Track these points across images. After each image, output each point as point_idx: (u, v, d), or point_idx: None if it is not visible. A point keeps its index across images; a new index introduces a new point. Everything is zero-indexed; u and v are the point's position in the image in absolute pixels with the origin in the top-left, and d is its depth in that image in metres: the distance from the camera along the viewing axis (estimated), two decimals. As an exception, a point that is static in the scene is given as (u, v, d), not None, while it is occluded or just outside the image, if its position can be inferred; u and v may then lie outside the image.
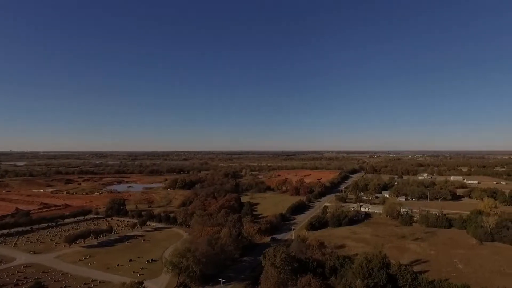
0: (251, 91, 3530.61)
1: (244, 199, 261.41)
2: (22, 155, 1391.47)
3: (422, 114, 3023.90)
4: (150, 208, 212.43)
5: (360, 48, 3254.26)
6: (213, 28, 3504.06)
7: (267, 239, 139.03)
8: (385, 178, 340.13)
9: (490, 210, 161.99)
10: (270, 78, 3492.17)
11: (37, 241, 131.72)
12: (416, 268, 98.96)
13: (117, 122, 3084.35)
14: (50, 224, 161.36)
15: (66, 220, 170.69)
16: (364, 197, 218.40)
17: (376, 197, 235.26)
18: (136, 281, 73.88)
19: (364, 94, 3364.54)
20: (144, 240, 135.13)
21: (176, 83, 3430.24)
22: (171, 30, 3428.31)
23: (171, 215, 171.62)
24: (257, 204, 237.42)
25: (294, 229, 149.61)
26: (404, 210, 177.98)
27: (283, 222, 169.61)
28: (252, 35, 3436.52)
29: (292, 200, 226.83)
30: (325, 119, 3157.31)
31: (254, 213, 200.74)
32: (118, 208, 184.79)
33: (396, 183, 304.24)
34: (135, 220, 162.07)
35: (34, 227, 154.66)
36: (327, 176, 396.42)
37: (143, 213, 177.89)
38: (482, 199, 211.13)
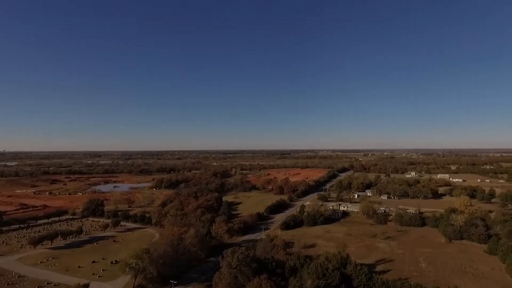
0: (248, 90, 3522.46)
1: (228, 198, 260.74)
2: (15, 155, 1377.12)
3: (420, 112, 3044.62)
4: (130, 208, 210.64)
5: (360, 45, 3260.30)
6: (208, 27, 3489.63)
7: (240, 239, 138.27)
8: (372, 176, 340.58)
9: (465, 208, 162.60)
10: (267, 77, 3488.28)
11: (3, 243, 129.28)
12: (380, 268, 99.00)
13: (113, 122, 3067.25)
14: (21, 225, 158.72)
15: (40, 221, 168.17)
16: (345, 196, 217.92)
17: (359, 196, 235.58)
18: (81, 283, 72.31)
19: (361, 93, 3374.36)
20: (114, 241, 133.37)
21: (173, 82, 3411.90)
22: (169, 30, 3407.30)
23: (147, 215, 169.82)
24: (239, 203, 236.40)
25: (265, 229, 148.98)
26: (381, 209, 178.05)
27: (260, 221, 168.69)
28: (249, 35, 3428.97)
29: (276, 199, 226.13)
30: (323, 118, 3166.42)
31: (234, 212, 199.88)
32: (94, 208, 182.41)
33: (382, 181, 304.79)
34: (109, 221, 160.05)
35: (4, 228, 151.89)
36: (316, 175, 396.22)
37: (119, 213, 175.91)
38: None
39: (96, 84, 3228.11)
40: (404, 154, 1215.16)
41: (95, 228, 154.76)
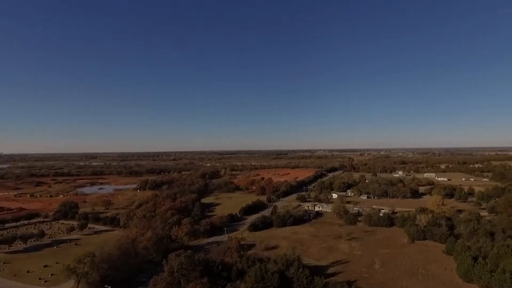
0: (248, 90, 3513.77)
1: (209, 199, 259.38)
2: (10, 158, 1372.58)
3: (420, 111, 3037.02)
4: (107, 210, 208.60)
5: (360, 44, 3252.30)
6: (204, 27, 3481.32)
7: (205, 241, 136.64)
8: (356, 176, 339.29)
9: (437, 208, 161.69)
10: (266, 77, 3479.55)
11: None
12: (333, 269, 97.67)
13: (113, 123, 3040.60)
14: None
15: (8, 225, 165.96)
16: (323, 196, 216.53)
17: (339, 196, 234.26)
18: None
19: (360, 92, 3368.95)
20: (76, 244, 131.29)
21: (172, 82, 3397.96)
22: (167, 30, 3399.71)
23: (118, 217, 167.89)
24: (218, 204, 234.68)
25: (234, 230, 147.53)
26: (355, 209, 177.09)
27: (232, 222, 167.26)
28: (245, 35, 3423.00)
29: (256, 199, 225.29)
30: (322, 118, 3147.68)
31: (211, 213, 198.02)
32: (66, 211, 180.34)
33: (366, 181, 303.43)
34: (76, 223, 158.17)
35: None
36: (305, 175, 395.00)
37: (89, 215, 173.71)
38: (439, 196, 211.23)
39: (96, 85, 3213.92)
40: (400, 153, 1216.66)
41: (61, 231, 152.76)
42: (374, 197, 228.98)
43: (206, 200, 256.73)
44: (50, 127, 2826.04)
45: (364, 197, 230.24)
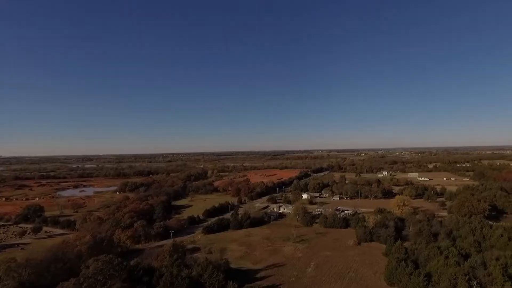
0: (246, 90, 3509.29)
1: (184, 201, 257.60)
2: (6, 161, 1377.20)
3: (420, 111, 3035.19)
4: (75, 213, 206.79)
5: (361, 41, 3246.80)
6: (200, 27, 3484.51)
7: (156, 244, 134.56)
8: (337, 176, 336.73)
9: (398, 208, 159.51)
10: (266, 77, 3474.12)
11: None
12: (264, 273, 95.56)
13: (112, 125, 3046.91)
14: None
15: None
16: (292, 197, 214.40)
17: (313, 196, 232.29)
18: None
19: (360, 92, 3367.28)
20: (22, 249, 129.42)
21: (172, 83, 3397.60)
22: (165, 31, 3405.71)
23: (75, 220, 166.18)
24: (189, 206, 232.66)
25: (190, 233, 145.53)
26: (318, 210, 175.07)
27: (193, 225, 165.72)
28: (243, 34, 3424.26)
29: (232, 201, 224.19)
30: (322, 118, 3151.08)
31: (178, 216, 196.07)
32: (26, 214, 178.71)
33: (347, 181, 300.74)
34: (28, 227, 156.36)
35: None
36: (291, 175, 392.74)
37: (48, 218, 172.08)
38: (410, 196, 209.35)
39: (96, 85, 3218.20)
40: (397, 153, 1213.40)
41: (15, 235, 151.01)
42: (346, 197, 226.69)
43: (180, 202, 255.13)
44: (51, 129, 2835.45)
45: (336, 197, 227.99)
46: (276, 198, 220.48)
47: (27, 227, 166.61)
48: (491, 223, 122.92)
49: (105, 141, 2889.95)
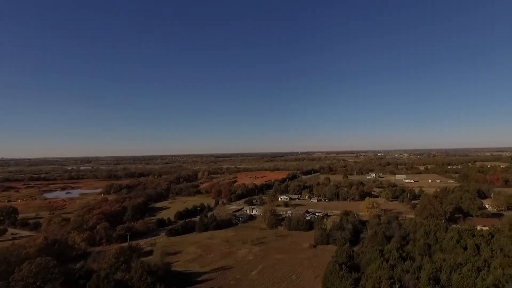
0: (246, 91, 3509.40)
1: (164, 203, 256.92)
2: (5, 163, 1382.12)
3: (420, 111, 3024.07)
4: (52, 215, 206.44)
5: (361, 41, 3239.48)
6: (198, 27, 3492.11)
7: (116, 246, 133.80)
8: (322, 178, 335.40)
9: (367, 210, 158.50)
10: (267, 77, 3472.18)
11: None
12: (208, 276, 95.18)
13: (112, 126, 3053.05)
14: None
15: None
16: (267, 199, 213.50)
17: (292, 198, 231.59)
18: None
19: (360, 93, 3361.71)
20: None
21: (171, 83, 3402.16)
22: (162, 32, 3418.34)
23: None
24: (167, 208, 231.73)
25: (155, 235, 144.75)
26: (289, 212, 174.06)
27: (162, 227, 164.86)
28: (241, 34, 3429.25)
29: (209, 203, 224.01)
30: (322, 119, 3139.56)
31: (152, 218, 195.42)
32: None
33: (331, 183, 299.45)
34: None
35: None
36: (280, 177, 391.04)
37: (17, 222, 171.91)
38: (387, 198, 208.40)
39: (96, 85, 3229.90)
40: (396, 155, 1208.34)
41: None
42: (324, 199, 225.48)
43: (160, 204, 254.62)
44: (52, 131, 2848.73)
45: (314, 199, 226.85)
46: (254, 200, 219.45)
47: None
48: (451, 225, 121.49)
49: (106, 143, 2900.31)
